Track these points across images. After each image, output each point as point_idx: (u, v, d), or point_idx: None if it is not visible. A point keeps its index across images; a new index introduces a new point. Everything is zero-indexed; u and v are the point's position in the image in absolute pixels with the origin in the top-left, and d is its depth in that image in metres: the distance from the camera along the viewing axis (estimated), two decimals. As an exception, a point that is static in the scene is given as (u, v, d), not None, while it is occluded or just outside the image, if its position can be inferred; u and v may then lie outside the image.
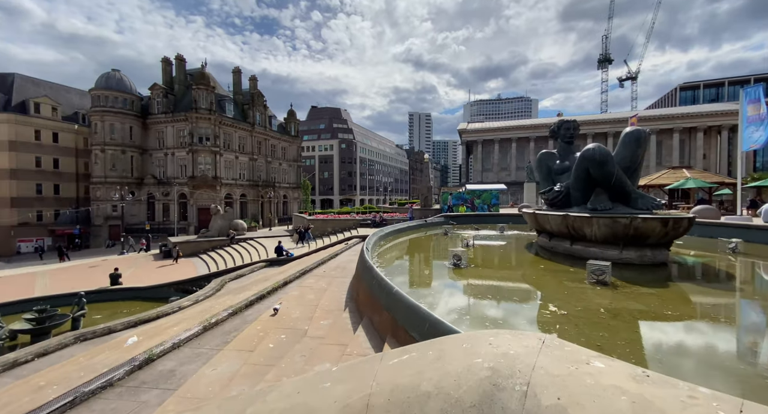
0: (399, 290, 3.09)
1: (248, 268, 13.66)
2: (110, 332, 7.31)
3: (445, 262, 5.80)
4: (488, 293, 4.41)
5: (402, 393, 1.42)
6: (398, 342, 2.85)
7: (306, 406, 1.56)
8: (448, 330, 2.25)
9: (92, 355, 4.51)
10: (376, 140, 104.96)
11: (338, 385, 1.67)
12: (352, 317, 4.01)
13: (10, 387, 4.49)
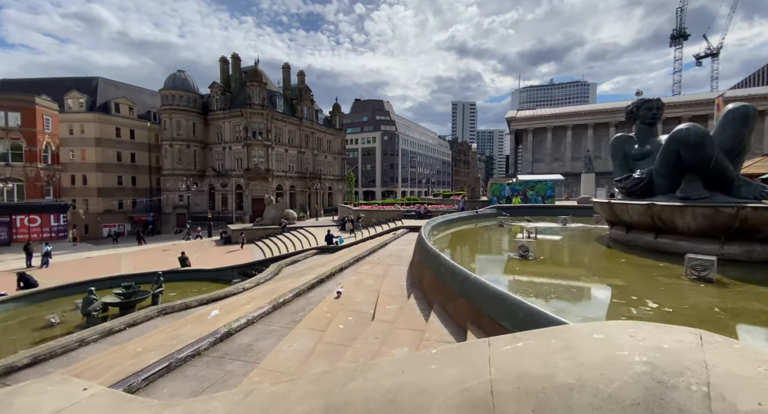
0: (479, 278, 2.92)
1: (302, 254, 14.24)
2: (186, 308, 8.02)
3: (509, 254, 5.47)
4: (568, 286, 4.06)
5: (533, 382, 1.27)
6: (483, 331, 2.70)
7: (416, 386, 1.47)
8: (551, 320, 2.05)
9: (178, 326, 4.94)
10: (418, 131, 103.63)
11: (447, 368, 1.56)
12: (419, 304, 3.93)
13: (111, 351, 5.08)
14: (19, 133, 29.93)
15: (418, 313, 3.65)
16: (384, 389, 1.51)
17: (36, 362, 5.47)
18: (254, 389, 2.03)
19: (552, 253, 6.46)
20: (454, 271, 3.31)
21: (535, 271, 4.63)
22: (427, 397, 1.38)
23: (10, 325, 10.62)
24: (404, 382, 1.54)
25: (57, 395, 2.50)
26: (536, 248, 6.51)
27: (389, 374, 1.67)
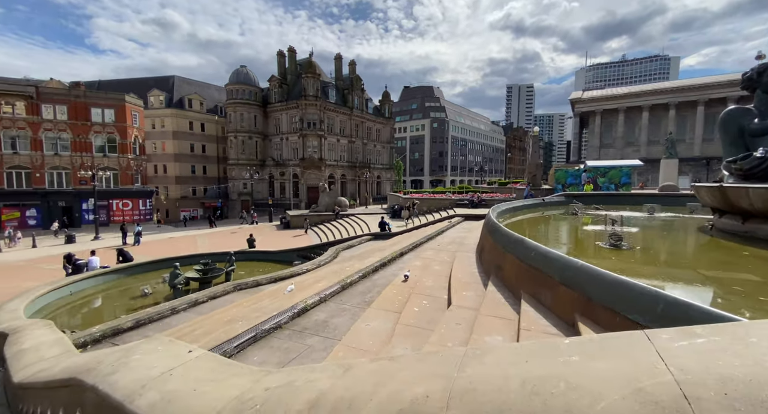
0: (590, 265, 2.57)
1: (356, 239, 14.52)
2: (257, 285, 8.58)
3: (598, 243, 4.88)
4: (685, 279, 3.46)
5: (750, 390, 0.97)
6: (600, 324, 2.37)
7: (561, 380, 1.24)
8: (712, 315, 1.67)
9: (256, 300, 5.25)
10: (469, 117, 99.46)
11: (590, 361, 1.31)
12: (501, 292, 3.66)
13: (201, 319, 5.55)
14: (114, 128, 34.43)
15: (502, 301, 3.39)
16: (518, 379, 1.31)
17: (137, 326, 6.22)
18: (353, 364, 1.97)
19: (649, 244, 5.66)
20: (550, 257, 2.97)
21: (637, 262, 4.05)
22: (581, 394, 1.15)
23: (111, 293, 12.37)
24: (542, 373, 1.32)
25: (166, 355, 2.71)
26: (630, 236, 5.76)
27: (512, 362, 1.47)
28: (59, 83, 36.19)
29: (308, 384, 1.87)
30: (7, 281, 13.32)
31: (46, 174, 32.19)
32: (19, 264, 17.06)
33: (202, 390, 2.21)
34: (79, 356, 3.53)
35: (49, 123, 31.64)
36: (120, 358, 2.69)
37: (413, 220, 20.56)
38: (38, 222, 31.70)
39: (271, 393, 1.91)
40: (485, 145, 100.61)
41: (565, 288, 2.73)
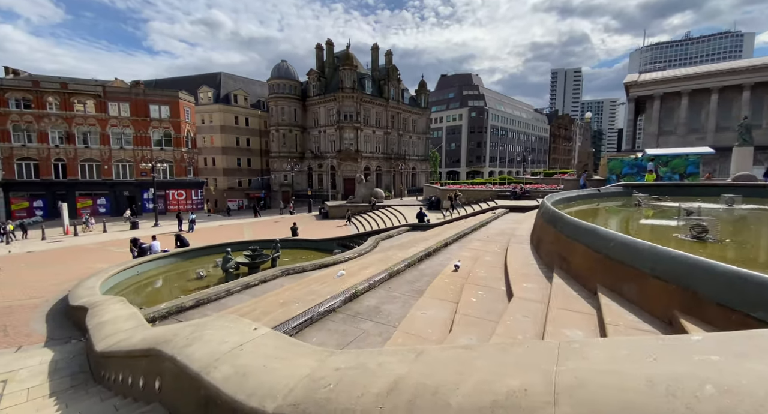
0: (694, 255, 2.26)
1: (395, 230, 14.49)
2: (303, 271, 8.85)
3: (676, 235, 4.38)
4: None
5: None
6: (710, 323, 2.09)
7: (708, 382, 1.05)
8: None
9: (307, 284, 5.38)
10: (510, 105, 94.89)
11: (741, 362, 1.10)
12: (571, 284, 3.40)
13: (256, 301, 5.80)
14: (169, 123, 37.14)
15: (573, 294, 3.14)
16: (642, 378, 1.14)
17: (197, 305, 6.66)
18: (423, 350, 1.89)
19: (740, 236, 4.99)
20: (637, 247, 2.66)
21: (732, 256, 3.56)
22: (738, 399, 0.96)
23: (170, 275, 13.43)
24: (674, 372, 1.14)
25: (234, 331, 2.82)
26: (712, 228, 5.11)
27: (626, 359, 1.30)
28: (122, 83, 39.63)
29: (381, 367, 1.82)
30: (82, 262, 14.99)
31: (113, 166, 35.62)
32: (92, 247, 19.12)
33: (272, 366, 2.26)
34: (153, 329, 3.83)
35: (114, 119, 34.84)
36: (193, 332, 2.84)
37: (454, 211, 20.03)
38: (107, 210, 35.29)
39: (342, 373, 1.88)
40: (527, 134, 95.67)
41: (659, 281, 2.42)
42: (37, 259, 15.65)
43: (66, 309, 8.74)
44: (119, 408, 2.85)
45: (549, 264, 4.25)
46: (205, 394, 2.26)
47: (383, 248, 11.38)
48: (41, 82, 32.18)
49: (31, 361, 5.03)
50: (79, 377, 4.46)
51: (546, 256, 4.49)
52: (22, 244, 20.62)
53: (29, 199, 32.84)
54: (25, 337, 7.30)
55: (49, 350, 6.05)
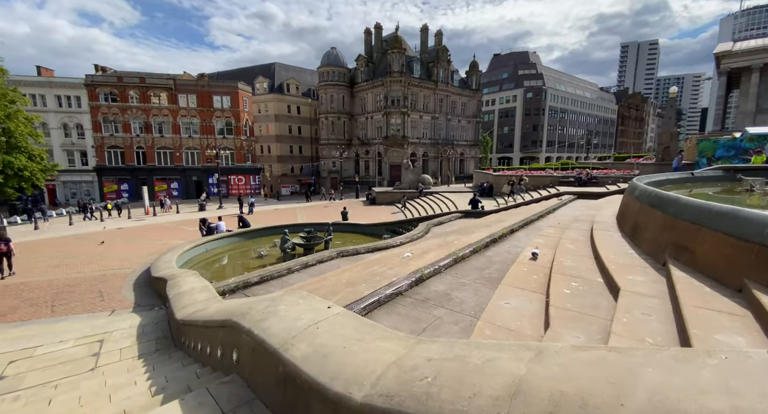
0: None
1: (446, 216, 13.99)
2: (357, 253, 8.86)
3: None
4: None
5: None
6: None
7: None
8: None
9: (366, 265, 5.27)
10: (572, 84, 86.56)
11: None
12: (699, 279, 2.79)
13: (318, 279, 5.84)
14: (230, 113, 39.66)
15: (708, 290, 2.57)
16: None
17: (261, 281, 6.93)
18: (543, 348, 1.56)
19: None
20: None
21: None
22: None
23: (234, 253, 14.40)
24: None
25: (308, 308, 2.73)
26: None
27: None
28: (189, 76, 43.00)
29: (488, 364, 1.53)
30: (161, 238, 16.71)
31: (183, 153, 39.17)
32: (168, 225, 21.29)
33: (352, 348, 2.09)
34: (227, 302, 3.96)
35: (184, 110, 38.05)
36: (267, 307, 2.80)
37: (516, 197, 18.68)
38: (179, 193, 39.10)
39: (439, 366, 1.63)
40: (590, 115, 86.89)
41: None
42: (125, 234, 17.81)
43: (149, 279, 9.75)
44: (200, 376, 2.93)
45: (653, 254, 3.59)
46: (283, 371, 2.17)
47: (436, 234, 11.02)
48: (124, 77, 36.05)
49: (122, 324, 5.59)
50: (162, 342, 4.84)
51: (648, 245, 3.81)
52: (115, 221, 23.63)
53: (117, 183, 37.53)
54: (117, 302, 8.26)
55: (137, 315, 6.72)
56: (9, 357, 4.44)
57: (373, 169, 49.52)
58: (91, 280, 10.09)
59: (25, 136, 16.54)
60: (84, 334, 5.24)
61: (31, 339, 5.18)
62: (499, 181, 23.55)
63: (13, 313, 7.70)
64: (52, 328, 6.16)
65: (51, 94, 34.91)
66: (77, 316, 7.39)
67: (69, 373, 4.10)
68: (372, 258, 7.08)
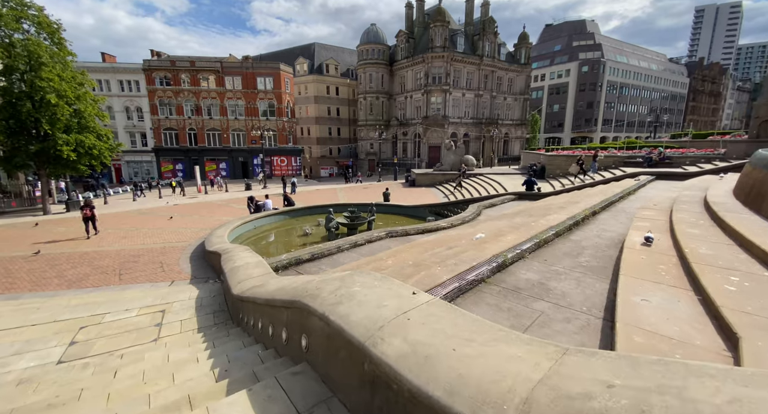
0: None
1: (498, 198, 13.02)
2: (406, 234, 8.40)
3: None
4: None
5: None
6: None
7: None
8: None
9: (428, 247, 4.77)
10: (636, 55, 77.34)
11: None
12: None
13: (371, 259, 5.45)
14: (272, 94, 40.28)
15: None
16: None
17: (312, 259, 6.71)
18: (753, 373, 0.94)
19: None
20: None
21: None
22: None
23: (279, 230, 14.61)
24: None
25: (388, 293, 2.27)
26: None
27: None
28: (234, 58, 44.02)
29: (735, 406, 0.94)
30: (212, 215, 17.46)
31: (230, 135, 40.74)
32: (218, 203, 22.30)
33: (464, 351, 1.59)
34: (288, 279, 3.67)
35: (230, 92, 39.25)
36: (339, 288, 2.38)
37: (585, 178, 16.84)
38: (227, 173, 41.00)
39: (637, 400, 1.06)
40: (656, 90, 77.55)
41: None
42: (181, 210, 18.90)
43: (203, 253, 10.08)
44: (264, 359, 2.64)
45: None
46: (371, 371, 1.73)
47: (488, 217, 10.22)
48: (176, 61, 37.70)
49: (181, 295, 5.63)
50: (220, 316, 4.75)
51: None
52: (173, 198, 25.27)
53: (173, 163, 40.12)
54: (176, 274, 8.59)
55: (194, 287, 6.83)
56: (80, 322, 4.58)
57: (411, 151, 48.38)
58: (152, 251, 10.66)
59: (93, 117, 17.72)
60: (147, 303, 5.33)
61: (100, 305, 5.37)
62: (553, 161, 21.69)
63: (87, 279, 8.28)
64: (118, 296, 6.43)
65: (114, 79, 37.54)
66: (141, 285, 7.76)
67: (134, 341, 4.11)
68: (427, 239, 6.56)
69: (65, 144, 16.39)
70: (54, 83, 15.78)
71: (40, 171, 17.64)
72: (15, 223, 15.64)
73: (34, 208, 19.30)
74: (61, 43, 16.71)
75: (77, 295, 7.02)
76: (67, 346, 4.02)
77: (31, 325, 4.48)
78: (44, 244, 11.66)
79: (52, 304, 5.84)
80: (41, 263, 9.49)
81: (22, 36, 15.77)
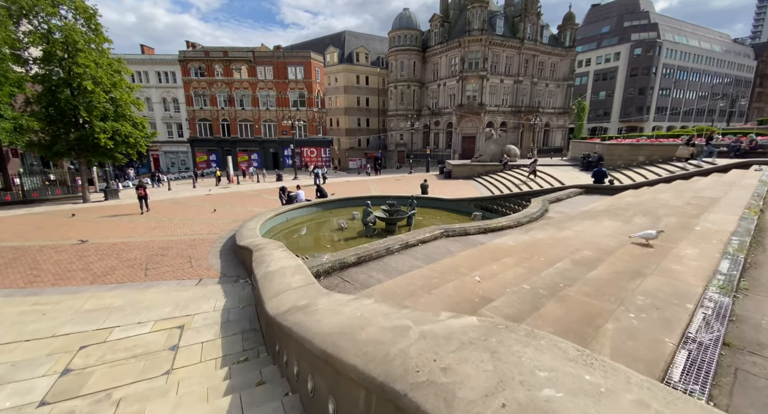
0: None
1: (563, 192, 11.24)
2: (465, 234, 7.01)
3: None
4: None
5: None
6: None
7: None
8: None
9: (517, 256, 3.39)
10: (696, 35, 69.62)
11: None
12: None
13: (442, 269, 4.16)
14: (303, 84, 39.61)
15: None
16: None
17: (359, 262, 5.49)
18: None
19: None
20: None
21: None
22: None
23: (312, 223, 13.64)
24: None
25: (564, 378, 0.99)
26: None
27: None
28: (266, 47, 43.76)
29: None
30: (244, 205, 16.86)
31: (262, 126, 40.67)
32: (250, 193, 21.86)
33: None
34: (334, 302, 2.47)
35: (262, 83, 39.00)
36: (500, 383, 1.10)
37: (704, 163, 13.85)
38: (258, 164, 41.11)
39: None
40: (718, 75, 69.59)
41: None
42: (214, 200, 18.53)
43: (233, 247, 9.24)
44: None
45: None
46: None
47: (571, 215, 8.58)
48: (210, 51, 37.85)
49: (206, 304, 4.64)
50: (251, 338, 3.66)
51: None
52: (205, 187, 25.27)
53: (207, 153, 40.73)
54: (204, 270, 7.75)
55: (221, 289, 5.86)
56: (82, 339, 3.65)
57: (443, 142, 46.31)
58: (181, 244, 10.00)
59: (128, 105, 17.55)
60: (165, 314, 4.36)
61: (113, 313, 4.46)
62: (613, 151, 19.19)
63: (112, 273, 7.63)
64: (139, 297, 5.58)
65: (152, 70, 38.35)
66: (167, 283, 6.96)
67: (140, 374, 3.09)
68: (500, 243, 5.15)
69: (102, 132, 16.30)
70: (90, 70, 15.61)
71: (79, 159, 17.79)
72: (54, 210, 15.81)
73: (75, 196, 19.69)
74: (97, 28, 16.53)
75: (97, 293, 6.30)
76: (58, 376, 3.07)
77: (25, 341, 3.61)
78: (80, 230, 11.39)
79: (63, 307, 5.05)
80: (69, 254, 9.03)
81: (60, 22, 15.68)
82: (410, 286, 3.76)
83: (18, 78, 14.72)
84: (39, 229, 11.96)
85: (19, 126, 14.63)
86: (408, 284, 3.95)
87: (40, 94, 15.85)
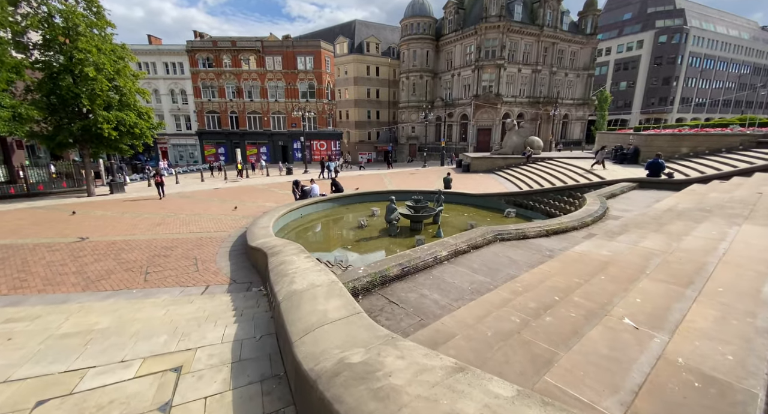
0: None
1: (616, 186, 9.92)
2: (525, 237, 5.81)
3: None
4: None
5: None
6: None
7: None
8: None
9: (626, 274, 2.20)
10: (724, 22, 66.06)
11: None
12: None
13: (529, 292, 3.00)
14: (312, 75, 38.35)
15: None
16: None
17: (404, 274, 4.33)
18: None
19: None
20: None
21: None
22: None
23: (329, 219, 12.55)
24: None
25: None
26: None
27: None
28: (274, 37, 42.51)
29: None
30: (254, 200, 15.86)
31: (271, 118, 39.64)
32: (260, 187, 20.89)
33: None
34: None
35: (270, 73, 37.86)
36: None
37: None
38: (267, 157, 40.20)
39: None
40: (746, 64, 66.02)
41: None
42: (222, 195, 17.61)
43: (244, 247, 8.22)
44: None
45: None
46: None
47: (653, 216, 7.32)
48: (218, 42, 36.79)
49: (212, 332, 3.56)
50: (274, 392, 2.56)
51: None
52: (213, 181, 24.43)
53: (215, 146, 39.95)
54: (212, 275, 6.74)
55: (231, 307, 4.80)
56: (42, 389, 2.61)
57: (457, 134, 44.73)
58: (187, 242, 9.01)
59: (133, 93, 16.61)
60: (158, 347, 3.30)
61: (91, 343, 3.42)
62: (652, 143, 17.60)
63: (108, 277, 6.67)
64: (130, 314, 4.57)
65: (160, 61, 37.50)
66: (169, 290, 5.97)
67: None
68: (584, 252, 3.96)
69: (105, 122, 15.41)
70: (92, 55, 14.67)
71: (83, 150, 16.99)
72: (57, 204, 15.04)
73: (80, 189, 18.96)
74: (99, 12, 15.54)
75: (86, 303, 5.32)
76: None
77: (-37, 391, 2.59)
78: (78, 226, 10.52)
79: (38, 327, 4.06)
80: (63, 254, 8.11)
81: (60, 5, 14.72)
82: (500, 322, 2.61)
83: (15, 63, 13.84)
84: (36, 225, 11.13)
85: (18, 115, 13.79)
86: (495, 318, 2.80)
87: (40, 82, 14.99)
